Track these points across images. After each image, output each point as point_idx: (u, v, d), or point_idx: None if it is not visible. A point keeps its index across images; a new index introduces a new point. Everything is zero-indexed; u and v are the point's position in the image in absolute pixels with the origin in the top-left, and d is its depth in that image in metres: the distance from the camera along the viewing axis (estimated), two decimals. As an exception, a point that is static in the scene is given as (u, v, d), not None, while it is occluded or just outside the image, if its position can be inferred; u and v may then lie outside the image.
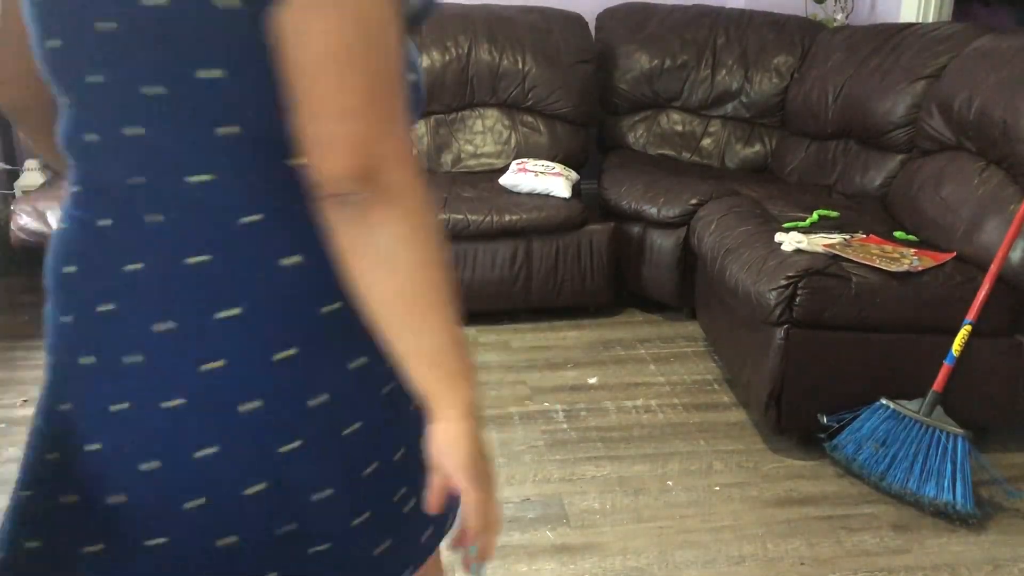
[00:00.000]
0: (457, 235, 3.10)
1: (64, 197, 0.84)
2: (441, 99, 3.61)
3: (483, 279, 3.18)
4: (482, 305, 3.22)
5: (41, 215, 2.95)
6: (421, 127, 3.63)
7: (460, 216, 3.09)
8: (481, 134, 3.66)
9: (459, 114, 3.67)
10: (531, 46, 3.64)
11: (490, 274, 3.19)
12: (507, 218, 3.12)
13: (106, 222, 0.79)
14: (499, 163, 3.63)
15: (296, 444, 0.81)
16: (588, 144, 3.78)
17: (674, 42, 3.78)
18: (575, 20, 3.74)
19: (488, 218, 3.11)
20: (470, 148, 3.64)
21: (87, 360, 0.80)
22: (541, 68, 3.62)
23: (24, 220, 2.95)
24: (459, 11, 3.69)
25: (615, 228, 3.25)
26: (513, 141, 3.65)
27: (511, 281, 3.20)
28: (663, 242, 3.22)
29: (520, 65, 3.62)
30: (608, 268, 3.26)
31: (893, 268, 2.31)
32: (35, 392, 2.75)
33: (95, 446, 0.81)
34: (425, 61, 3.56)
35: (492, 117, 3.67)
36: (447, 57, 3.58)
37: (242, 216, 0.77)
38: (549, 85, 3.62)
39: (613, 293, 3.33)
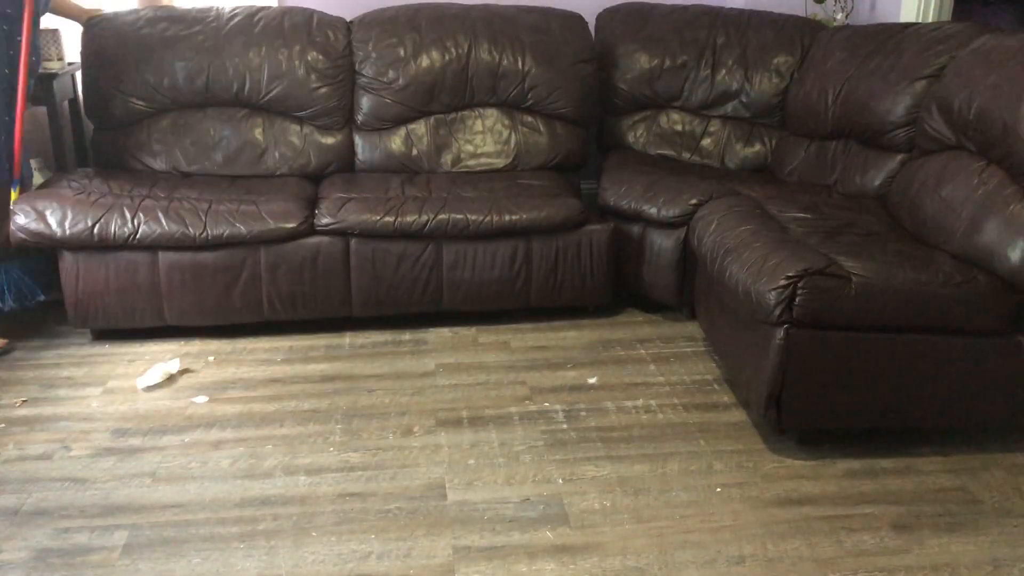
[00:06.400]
0: (457, 235, 3.10)
1: None
2: (441, 99, 3.60)
3: (483, 279, 3.18)
4: (482, 305, 3.22)
5: (40, 215, 2.93)
6: (421, 127, 3.62)
7: (460, 216, 3.08)
8: (481, 134, 3.65)
9: (459, 114, 3.65)
10: (531, 46, 3.63)
11: (490, 274, 3.18)
12: (507, 218, 3.11)
13: None
14: (499, 163, 3.62)
15: None
16: (587, 144, 3.78)
17: (674, 42, 3.78)
18: (575, 20, 3.74)
19: (488, 218, 3.10)
20: (470, 148, 3.63)
21: None
22: (541, 68, 3.61)
23: (23, 220, 2.93)
24: (459, 11, 3.68)
25: (615, 228, 3.25)
26: (513, 141, 3.64)
27: (511, 281, 3.20)
28: (663, 242, 3.22)
29: (520, 65, 3.61)
30: (608, 268, 3.25)
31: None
32: (35, 392, 2.76)
33: None
34: (425, 61, 3.55)
35: (492, 117, 3.66)
36: (447, 57, 3.57)
37: None
38: (549, 85, 3.61)
39: (613, 293, 3.33)
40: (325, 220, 3.06)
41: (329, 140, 3.57)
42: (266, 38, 3.49)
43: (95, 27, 3.45)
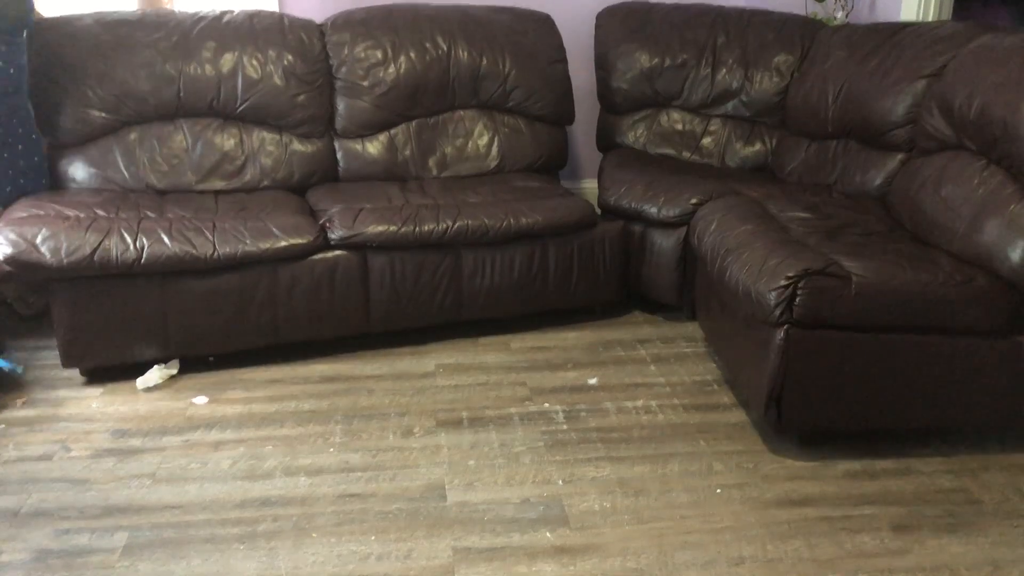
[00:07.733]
0: (476, 241, 3.01)
1: None
2: (423, 103, 3.52)
3: (502, 285, 3.10)
4: (500, 312, 3.15)
5: (32, 244, 2.60)
6: (403, 132, 3.52)
7: (478, 222, 2.99)
8: (464, 137, 3.59)
9: (440, 117, 3.58)
10: (509, 47, 3.59)
11: (509, 279, 3.10)
12: (524, 221, 3.04)
13: None
14: (487, 166, 3.58)
15: None
16: (567, 145, 3.77)
17: (674, 41, 3.78)
18: (544, 20, 3.74)
19: (506, 222, 3.02)
20: (455, 152, 3.57)
21: None
22: (520, 69, 3.58)
23: (11, 251, 2.58)
24: (432, 12, 3.61)
25: (624, 227, 3.24)
26: (497, 143, 3.60)
27: (528, 285, 3.14)
28: (663, 242, 3.21)
29: (501, 66, 3.57)
30: (619, 266, 3.25)
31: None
32: (35, 392, 2.76)
33: None
34: (405, 64, 3.46)
35: (473, 119, 3.61)
36: (428, 59, 3.49)
37: None
38: (529, 86, 3.59)
39: (622, 292, 3.32)
40: (340, 233, 2.89)
41: (309, 149, 3.40)
42: (238, 43, 3.30)
43: (44, 33, 3.13)
